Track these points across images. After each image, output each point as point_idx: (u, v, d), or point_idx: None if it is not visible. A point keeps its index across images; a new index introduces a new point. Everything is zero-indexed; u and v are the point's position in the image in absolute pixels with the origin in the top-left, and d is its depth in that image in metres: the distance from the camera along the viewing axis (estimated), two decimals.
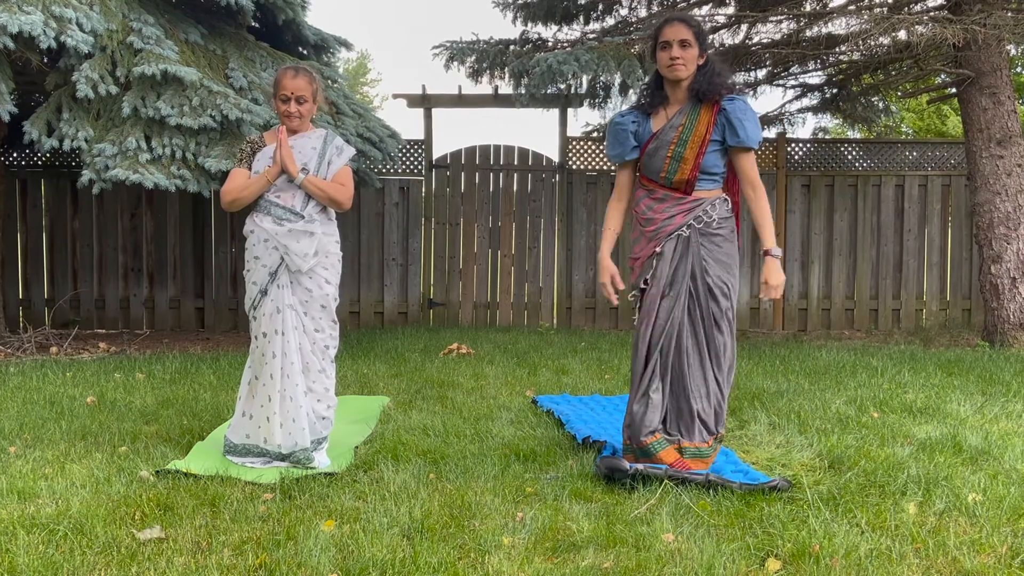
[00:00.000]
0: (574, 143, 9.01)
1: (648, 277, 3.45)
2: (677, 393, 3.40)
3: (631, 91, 7.83)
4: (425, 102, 8.94)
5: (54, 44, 5.68)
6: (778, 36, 7.95)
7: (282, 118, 3.65)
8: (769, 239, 3.41)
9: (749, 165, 3.45)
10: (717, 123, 3.38)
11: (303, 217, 3.60)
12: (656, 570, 2.47)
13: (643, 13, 8.51)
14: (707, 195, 3.44)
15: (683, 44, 3.33)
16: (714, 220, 3.42)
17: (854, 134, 13.84)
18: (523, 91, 7.86)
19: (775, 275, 3.40)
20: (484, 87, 8.67)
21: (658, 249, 3.42)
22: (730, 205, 3.50)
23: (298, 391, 3.58)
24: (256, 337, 3.64)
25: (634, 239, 3.58)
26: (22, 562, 2.46)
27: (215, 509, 2.95)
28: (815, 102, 9.10)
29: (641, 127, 3.50)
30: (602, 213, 8.85)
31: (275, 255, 3.59)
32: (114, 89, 5.97)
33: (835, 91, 8.85)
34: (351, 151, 3.78)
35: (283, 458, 3.57)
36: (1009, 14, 6.88)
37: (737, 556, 2.56)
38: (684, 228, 3.41)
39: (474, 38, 8.43)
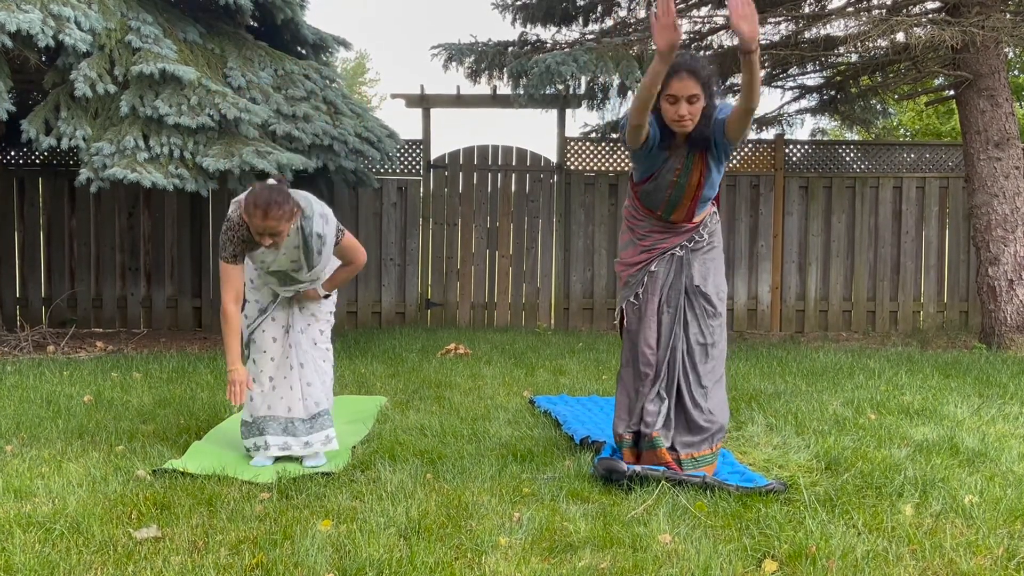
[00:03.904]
0: (572, 144, 9.01)
1: (640, 291, 3.48)
2: (683, 406, 3.41)
3: (629, 92, 7.83)
4: (423, 102, 8.94)
5: (52, 43, 5.68)
6: (777, 38, 7.95)
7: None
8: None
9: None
10: (707, 157, 3.28)
11: (308, 280, 3.65)
12: (653, 571, 2.47)
13: (642, 14, 8.49)
14: (701, 218, 3.48)
15: (691, 100, 3.11)
16: (705, 238, 3.49)
17: (852, 136, 13.86)
18: (521, 92, 7.85)
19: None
20: (483, 88, 8.67)
21: (652, 268, 3.46)
22: (717, 216, 3.57)
23: (308, 356, 3.66)
24: (265, 351, 3.69)
25: (624, 243, 3.59)
26: (18, 561, 2.46)
27: (212, 508, 2.95)
28: (813, 104, 9.10)
29: (662, 140, 3.26)
30: (600, 214, 8.85)
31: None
32: (112, 88, 5.97)
33: (833, 93, 8.85)
34: (332, 221, 3.52)
35: (307, 428, 3.60)
36: (1007, 16, 6.89)
37: (734, 557, 2.56)
38: (678, 248, 3.46)
39: (473, 40, 8.42)
